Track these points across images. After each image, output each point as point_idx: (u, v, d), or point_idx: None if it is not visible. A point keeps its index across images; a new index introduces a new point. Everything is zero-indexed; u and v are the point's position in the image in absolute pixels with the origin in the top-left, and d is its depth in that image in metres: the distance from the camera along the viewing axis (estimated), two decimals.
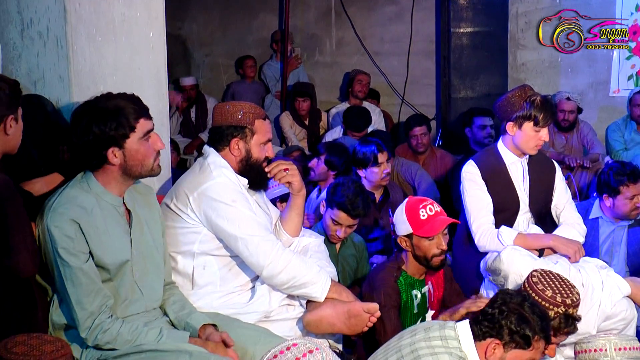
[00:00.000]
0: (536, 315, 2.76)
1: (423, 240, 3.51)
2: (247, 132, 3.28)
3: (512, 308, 2.75)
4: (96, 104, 2.80)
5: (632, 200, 4.54)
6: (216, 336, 2.95)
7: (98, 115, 2.76)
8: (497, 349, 2.73)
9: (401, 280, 3.58)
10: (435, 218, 3.52)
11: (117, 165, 2.81)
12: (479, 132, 6.19)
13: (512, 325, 2.72)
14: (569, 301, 3.16)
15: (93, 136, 2.75)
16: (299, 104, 7.51)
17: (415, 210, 3.53)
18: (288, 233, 3.46)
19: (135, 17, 3.53)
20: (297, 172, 3.42)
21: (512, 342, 2.73)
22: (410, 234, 3.53)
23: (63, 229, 2.72)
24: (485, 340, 2.75)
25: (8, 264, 2.65)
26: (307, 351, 2.18)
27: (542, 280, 3.24)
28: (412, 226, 3.52)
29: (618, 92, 7.45)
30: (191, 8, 8.74)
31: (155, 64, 3.66)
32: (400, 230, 3.59)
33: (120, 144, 2.79)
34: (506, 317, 2.73)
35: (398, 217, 3.61)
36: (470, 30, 7.24)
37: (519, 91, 3.91)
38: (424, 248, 3.52)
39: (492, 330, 2.74)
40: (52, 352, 2.42)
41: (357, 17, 8.25)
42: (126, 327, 2.81)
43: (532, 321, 2.73)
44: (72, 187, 2.84)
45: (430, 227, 3.50)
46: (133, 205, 2.96)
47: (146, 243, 2.97)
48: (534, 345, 2.73)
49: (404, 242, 3.57)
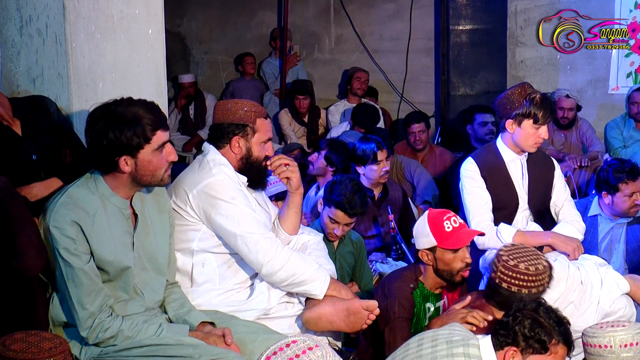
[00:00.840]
0: (552, 319, 2.71)
1: (447, 253, 3.41)
2: (249, 131, 3.27)
3: (525, 314, 2.71)
4: (115, 109, 2.74)
5: (631, 198, 4.54)
6: (218, 331, 2.96)
7: (115, 121, 2.71)
8: (515, 357, 2.69)
9: (417, 292, 3.49)
10: (460, 230, 3.43)
11: (128, 173, 2.79)
12: (480, 129, 6.18)
13: (526, 330, 2.68)
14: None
15: (107, 141, 2.71)
16: (299, 102, 7.50)
17: (440, 222, 3.43)
18: (286, 231, 3.46)
19: (134, 15, 3.53)
20: (297, 169, 3.41)
21: (528, 347, 2.68)
22: (433, 247, 3.43)
23: (64, 230, 2.71)
24: (504, 349, 2.71)
25: (16, 265, 2.64)
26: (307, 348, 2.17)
27: (511, 254, 3.24)
28: (436, 238, 3.41)
29: (617, 90, 7.45)
30: (190, 5, 8.74)
31: (154, 61, 3.66)
32: (422, 244, 3.47)
33: (133, 154, 2.75)
34: (519, 322, 2.70)
35: (420, 230, 3.49)
36: (469, 27, 7.24)
37: (518, 89, 3.91)
38: (448, 261, 3.42)
39: (508, 338, 2.70)
40: (51, 349, 2.41)
41: (356, 15, 8.24)
42: (126, 324, 2.82)
43: (547, 325, 2.69)
44: (78, 186, 2.82)
45: (457, 239, 3.41)
46: (141, 206, 2.94)
47: (150, 245, 2.96)
48: (551, 349, 2.68)
49: (426, 255, 3.46)
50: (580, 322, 3.62)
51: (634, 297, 3.70)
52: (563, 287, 3.63)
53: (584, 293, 3.62)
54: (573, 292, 3.63)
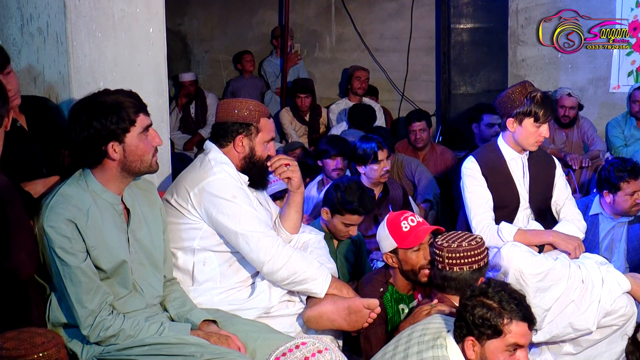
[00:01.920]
0: (502, 300, 2.63)
1: (409, 252, 3.44)
2: (253, 130, 3.28)
3: (474, 301, 2.65)
4: (95, 99, 2.78)
5: (632, 197, 4.54)
6: (223, 332, 2.97)
7: (98, 109, 2.74)
8: (474, 346, 2.65)
9: (387, 295, 3.52)
10: (418, 228, 3.46)
11: (117, 160, 2.80)
12: (487, 129, 6.16)
13: (475, 318, 2.62)
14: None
15: (94, 130, 2.73)
16: (300, 100, 7.50)
17: (397, 223, 3.47)
18: (287, 230, 3.46)
19: (135, 13, 3.53)
20: (298, 168, 3.41)
21: (482, 335, 2.62)
22: (395, 249, 3.47)
23: (60, 229, 2.70)
24: (463, 341, 2.68)
25: (8, 266, 2.63)
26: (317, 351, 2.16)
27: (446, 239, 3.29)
28: (396, 240, 3.45)
29: (618, 89, 7.45)
30: (191, 4, 8.73)
31: (155, 60, 3.65)
32: (385, 247, 3.51)
33: (120, 139, 2.77)
34: (469, 311, 2.64)
35: (381, 235, 3.54)
36: (470, 26, 7.24)
37: (519, 87, 3.90)
38: (411, 261, 3.45)
39: (464, 329, 2.66)
40: (44, 344, 2.40)
41: (357, 13, 8.24)
42: (128, 323, 2.82)
43: (495, 307, 2.62)
44: (69, 185, 2.82)
45: (414, 237, 3.43)
46: (132, 202, 2.95)
47: (145, 241, 2.96)
48: (505, 330, 2.61)
49: (390, 258, 3.50)
50: (581, 321, 3.62)
51: (635, 295, 3.70)
52: (564, 286, 3.63)
53: (584, 292, 3.62)
54: (574, 290, 3.63)
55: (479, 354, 2.65)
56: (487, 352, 2.63)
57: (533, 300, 3.62)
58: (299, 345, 2.19)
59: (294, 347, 2.18)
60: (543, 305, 3.63)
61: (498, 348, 2.63)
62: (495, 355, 2.63)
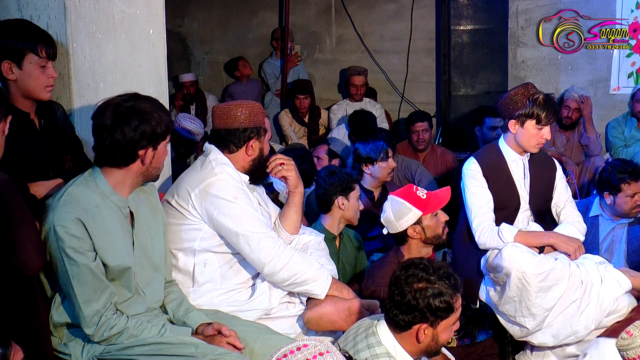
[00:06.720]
0: (441, 278, 2.67)
1: (431, 218, 3.69)
2: (262, 132, 3.31)
3: (420, 288, 2.65)
4: (137, 106, 2.79)
5: (632, 198, 4.54)
6: (209, 330, 2.95)
7: (142, 114, 2.77)
8: (427, 331, 2.69)
9: None
10: (432, 194, 3.73)
11: (145, 166, 2.83)
12: (489, 132, 6.15)
13: (434, 305, 2.64)
14: None
15: (141, 132, 2.75)
16: (300, 101, 7.49)
17: (413, 194, 3.70)
18: (287, 231, 3.45)
19: (135, 15, 3.53)
20: (294, 167, 3.41)
21: (438, 318, 2.68)
22: (419, 218, 3.67)
23: (69, 229, 2.70)
24: (412, 328, 2.69)
25: (14, 262, 2.62)
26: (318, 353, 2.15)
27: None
28: (419, 208, 3.66)
29: (618, 90, 7.44)
30: (191, 5, 8.73)
31: (155, 61, 3.65)
32: (405, 223, 3.69)
33: (155, 145, 2.82)
34: (422, 300, 2.65)
35: (396, 213, 3.69)
36: (471, 27, 7.23)
37: (521, 89, 3.90)
38: (434, 225, 3.70)
39: (416, 318, 2.67)
40: None
41: (357, 15, 8.24)
42: (132, 322, 2.83)
43: (443, 289, 2.66)
44: (77, 185, 2.81)
45: (436, 200, 3.69)
46: (136, 206, 2.94)
47: (147, 244, 2.96)
48: (455, 305, 2.69)
49: (414, 230, 3.69)
50: (581, 321, 3.62)
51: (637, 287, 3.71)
52: (565, 285, 3.64)
53: (584, 292, 3.63)
54: (575, 290, 3.64)
55: (430, 337, 2.71)
56: (439, 332, 2.72)
57: (535, 300, 3.63)
58: (301, 347, 2.17)
59: (296, 349, 2.17)
60: (545, 305, 3.64)
61: (449, 322, 2.72)
62: (446, 330, 2.74)
